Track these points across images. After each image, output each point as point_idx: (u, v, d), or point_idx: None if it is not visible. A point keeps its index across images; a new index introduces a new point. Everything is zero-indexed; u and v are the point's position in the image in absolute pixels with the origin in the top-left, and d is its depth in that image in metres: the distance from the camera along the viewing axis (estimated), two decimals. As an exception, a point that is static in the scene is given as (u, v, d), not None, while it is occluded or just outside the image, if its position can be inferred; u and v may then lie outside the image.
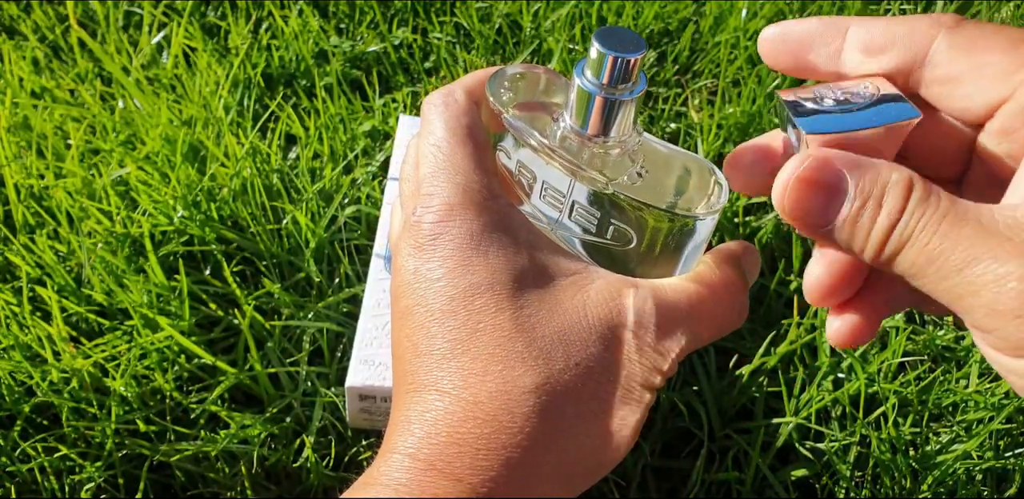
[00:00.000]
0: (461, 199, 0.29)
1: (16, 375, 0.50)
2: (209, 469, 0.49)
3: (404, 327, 0.29)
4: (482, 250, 0.28)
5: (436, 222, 0.29)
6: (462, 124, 0.30)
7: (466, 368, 0.27)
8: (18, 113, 0.62)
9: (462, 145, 0.30)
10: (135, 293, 0.52)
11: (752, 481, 0.49)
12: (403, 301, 0.29)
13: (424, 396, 0.27)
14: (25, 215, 0.56)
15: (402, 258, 0.29)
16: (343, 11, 0.74)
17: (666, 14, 0.73)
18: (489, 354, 0.27)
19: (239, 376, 0.50)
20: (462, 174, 0.29)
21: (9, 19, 0.73)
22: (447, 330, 0.28)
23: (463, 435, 0.26)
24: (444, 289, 0.28)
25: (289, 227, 0.57)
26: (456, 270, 0.28)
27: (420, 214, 0.29)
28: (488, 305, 0.28)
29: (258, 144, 0.60)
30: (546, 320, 0.28)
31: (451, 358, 0.27)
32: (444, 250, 0.28)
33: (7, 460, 0.47)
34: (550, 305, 0.28)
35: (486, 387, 0.27)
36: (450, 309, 0.28)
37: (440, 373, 0.27)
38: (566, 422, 0.27)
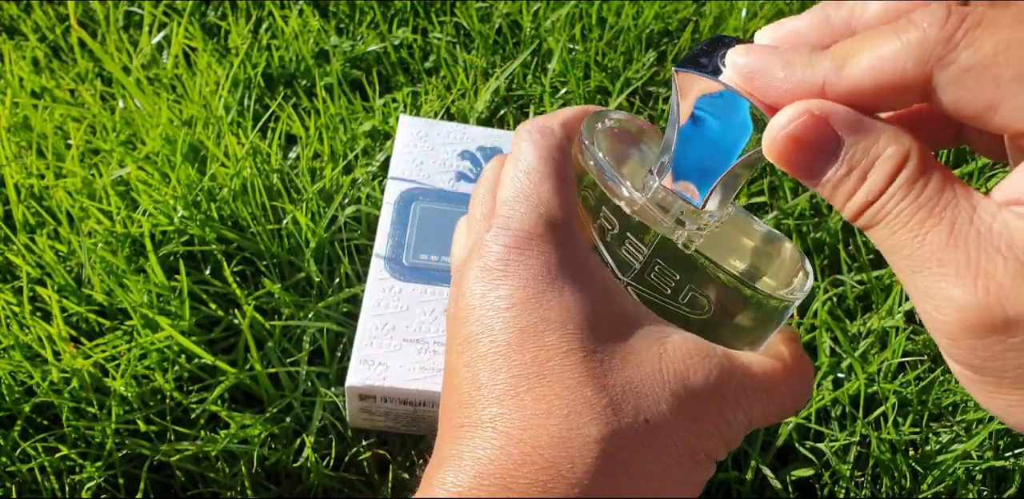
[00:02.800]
0: (542, 230, 0.27)
1: (16, 375, 0.50)
2: (209, 469, 0.49)
3: (464, 354, 0.27)
4: (557, 285, 0.26)
5: (512, 248, 0.27)
6: (554, 156, 0.29)
7: (529, 408, 0.25)
8: (18, 113, 0.62)
9: (551, 177, 0.28)
10: (135, 293, 0.52)
11: (752, 481, 0.49)
12: (467, 327, 0.27)
13: (480, 433, 0.25)
14: (25, 215, 0.56)
15: (469, 281, 0.27)
16: (343, 11, 0.74)
17: (666, 14, 0.73)
18: (555, 396, 0.25)
19: (239, 376, 0.50)
20: (545, 205, 0.28)
21: (9, 19, 0.73)
22: (513, 365, 0.26)
23: (517, 480, 0.24)
24: (514, 320, 0.26)
25: (289, 227, 0.57)
26: (529, 302, 0.26)
27: (495, 236, 0.27)
28: (560, 344, 0.26)
29: (258, 144, 0.60)
30: (619, 368, 0.26)
31: (513, 395, 0.25)
32: (518, 279, 0.27)
33: (7, 460, 0.47)
34: (624, 353, 0.26)
35: (548, 432, 0.25)
36: (518, 342, 0.26)
37: (500, 409, 0.25)
38: (626, 480, 0.25)
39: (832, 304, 0.57)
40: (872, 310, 0.57)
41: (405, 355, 0.46)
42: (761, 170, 0.61)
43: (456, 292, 0.28)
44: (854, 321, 0.56)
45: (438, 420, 0.28)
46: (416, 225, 0.51)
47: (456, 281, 0.29)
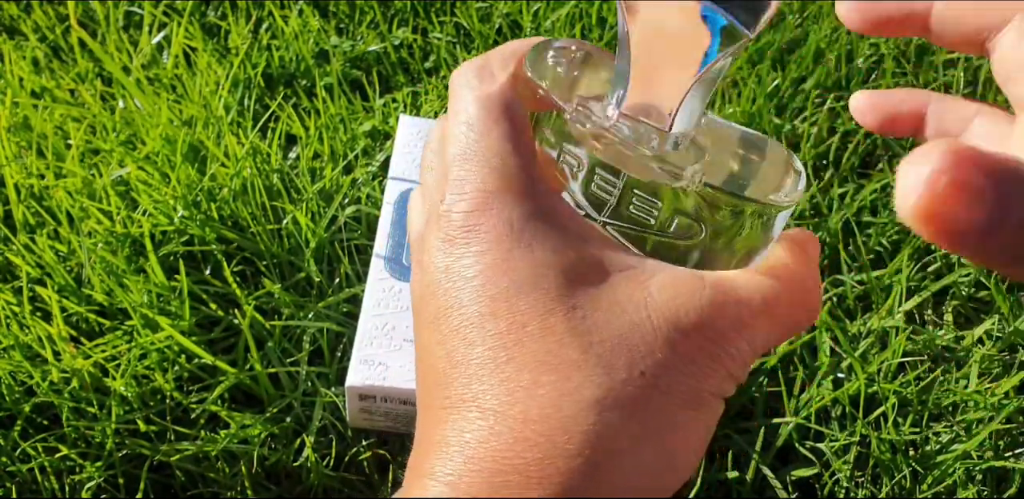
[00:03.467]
0: (498, 185, 0.25)
1: (16, 375, 0.50)
2: (209, 469, 0.49)
3: (435, 332, 0.25)
4: (524, 243, 0.24)
5: (470, 211, 0.24)
6: (497, 100, 0.26)
7: (512, 380, 0.23)
8: (18, 113, 0.62)
9: (497, 124, 0.26)
10: (135, 293, 0.52)
11: (752, 481, 0.49)
12: (433, 302, 0.25)
13: (463, 414, 0.23)
14: (25, 215, 0.56)
15: (430, 254, 0.25)
16: (343, 11, 0.74)
17: (666, 14, 0.73)
18: (539, 363, 0.23)
19: (239, 376, 0.50)
20: (498, 157, 0.25)
21: (9, 19, 0.73)
22: (488, 336, 0.23)
23: (511, 460, 0.22)
24: (482, 288, 0.24)
25: (289, 227, 0.57)
26: (496, 266, 0.24)
27: (451, 203, 0.25)
28: (535, 306, 0.23)
29: (258, 144, 0.60)
30: (604, 322, 0.23)
31: (493, 369, 0.23)
32: (481, 244, 0.24)
33: (7, 460, 0.47)
34: (607, 305, 0.23)
35: (537, 402, 0.22)
36: (490, 312, 0.23)
37: (481, 387, 0.23)
38: (629, 442, 0.22)
39: (832, 304, 0.57)
40: (872, 310, 0.57)
41: (405, 355, 0.46)
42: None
43: (418, 268, 0.26)
44: (854, 321, 0.56)
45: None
46: None
47: (416, 256, 0.26)
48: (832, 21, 0.70)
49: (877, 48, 0.68)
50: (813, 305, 0.27)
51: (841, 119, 0.64)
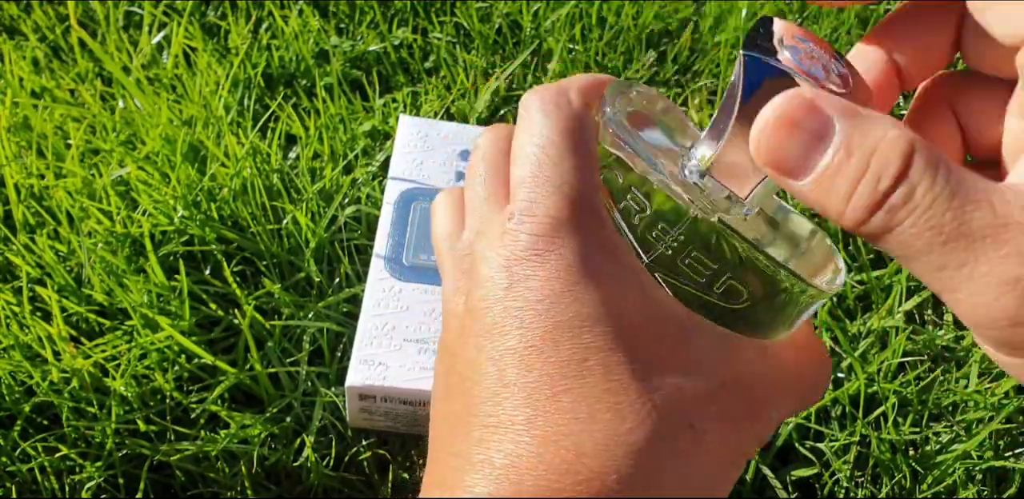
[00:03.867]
0: (569, 214, 0.24)
1: (16, 375, 0.50)
2: (209, 469, 0.49)
3: (486, 348, 0.24)
4: (591, 276, 0.24)
5: (541, 236, 0.24)
6: (574, 129, 0.25)
7: (568, 411, 0.22)
8: (18, 113, 0.62)
9: (572, 154, 0.25)
10: (135, 293, 0.52)
11: (752, 481, 0.49)
12: (490, 319, 0.24)
13: (512, 436, 0.23)
14: (25, 215, 0.56)
15: (489, 268, 0.24)
16: (343, 11, 0.74)
17: (666, 14, 0.73)
18: (596, 399, 0.22)
19: (239, 376, 0.50)
20: (569, 186, 0.24)
21: (9, 19, 0.73)
22: (548, 363, 0.23)
23: (558, 491, 0.22)
24: (547, 313, 0.23)
25: (289, 227, 0.57)
26: (563, 295, 0.23)
27: (518, 223, 0.24)
28: (598, 342, 0.23)
29: (258, 144, 0.60)
30: (662, 370, 0.23)
31: (549, 396, 0.23)
32: (548, 270, 0.24)
33: (7, 460, 0.47)
34: (667, 353, 0.23)
35: (591, 438, 0.22)
36: (552, 338, 0.23)
37: (533, 411, 0.23)
38: (671, 489, 0.23)
39: (832, 304, 0.57)
40: (872, 310, 0.57)
41: (405, 355, 0.46)
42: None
43: (470, 281, 0.25)
44: (854, 321, 0.56)
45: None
46: (416, 225, 0.51)
47: (465, 268, 0.26)
48: (832, 21, 0.70)
49: (877, 48, 0.69)
50: (826, 380, 0.28)
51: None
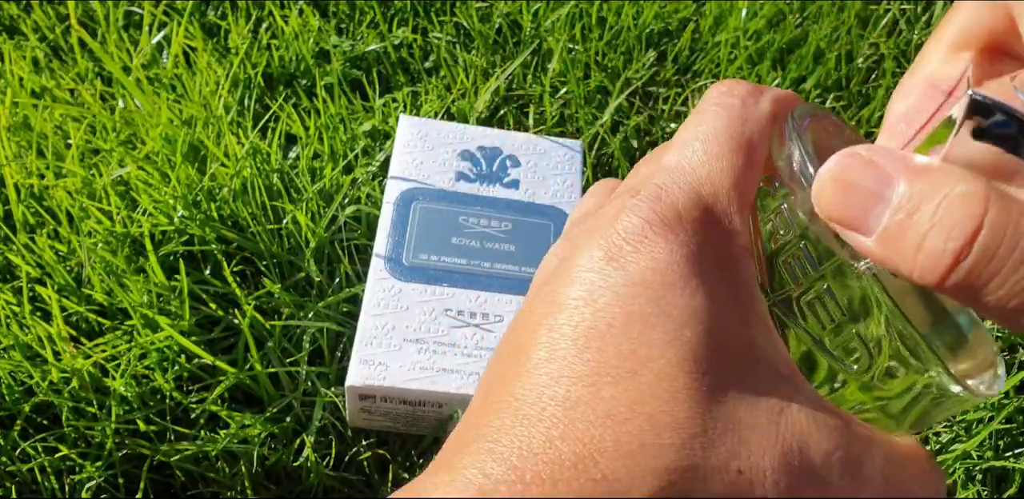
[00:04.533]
0: (697, 214, 0.22)
1: (16, 375, 0.50)
2: (209, 469, 0.49)
3: (549, 315, 0.22)
4: (692, 282, 0.21)
5: (653, 223, 0.22)
6: (746, 131, 0.23)
7: (604, 404, 0.20)
8: (18, 113, 0.62)
9: (732, 154, 0.23)
10: (135, 293, 0.52)
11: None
12: (567, 289, 0.22)
13: (532, 412, 0.20)
14: (25, 215, 0.56)
15: (589, 245, 0.22)
16: (343, 11, 0.74)
17: (666, 14, 0.73)
18: (641, 403, 0.20)
19: (239, 376, 0.50)
20: (711, 186, 0.22)
21: (9, 18, 0.73)
22: (605, 347, 0.21)
23: (559, 486, 0.19)
24: (628, 300, 0.21)
25: (289, 227, 0.57)
26: (652, 288, 0.21)
27: (637, 205, 0.22)
28: (669, 346, 0.20)
29: (258, 144, 0.60)
30: (727, 401, 0.20)
31: (592, 384, 0.20)
32: (648, 260, 0.21)
33: (7, 460, 0.47)
34: (740, 387, 0.21)
35: (616, 438, 0.20)
36: (621, 326, 0.21)
37: (567, 393, 0.20)
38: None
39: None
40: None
41: (405, 355, 0.46)
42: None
43: (570, 248, 0.23)
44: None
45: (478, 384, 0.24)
46: (416, 225, 0.51)
47: (573, 235, 0.24)
48: (832, 21, 0.70)
49: (877, 48, 0.68)
50: (937, 489, 0.23)
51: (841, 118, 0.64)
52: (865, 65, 0.67)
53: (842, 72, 0.67)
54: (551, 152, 0.55)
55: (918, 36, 0.69)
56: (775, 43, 0.69)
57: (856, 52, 0.68)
